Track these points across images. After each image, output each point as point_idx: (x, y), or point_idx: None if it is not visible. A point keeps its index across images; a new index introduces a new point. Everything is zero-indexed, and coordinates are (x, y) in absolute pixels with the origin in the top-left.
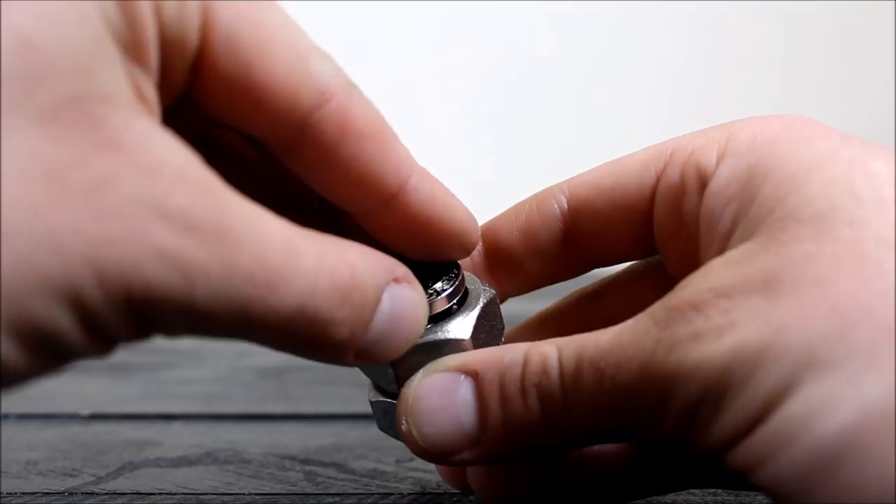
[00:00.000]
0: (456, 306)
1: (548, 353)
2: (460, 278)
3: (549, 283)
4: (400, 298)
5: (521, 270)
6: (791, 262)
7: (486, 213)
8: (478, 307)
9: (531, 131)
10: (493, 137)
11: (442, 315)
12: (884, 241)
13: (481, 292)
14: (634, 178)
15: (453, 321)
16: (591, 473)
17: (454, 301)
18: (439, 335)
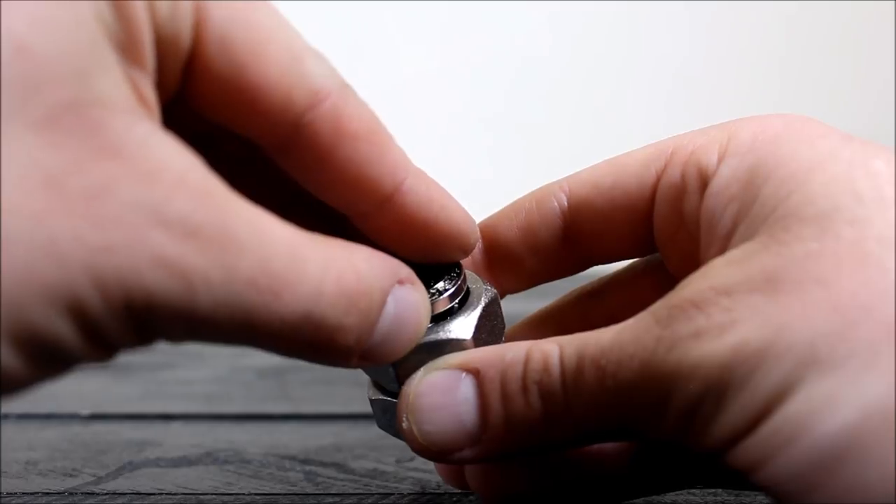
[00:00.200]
0: (457, 306)
1: (549, 352)
2: (462, 278)
3: (548, 280)
4: (403, 300)
5: (520, 267)
6: (793, 261)
7: (486, 213)
8: (479, 307)
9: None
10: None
11: (444, 315)
12: (885, 241)
13: (483, 292)
14: (634, 177)
15: (455, 321)
16: (591, 472)
17: (456, 301)
18: (441, 335)
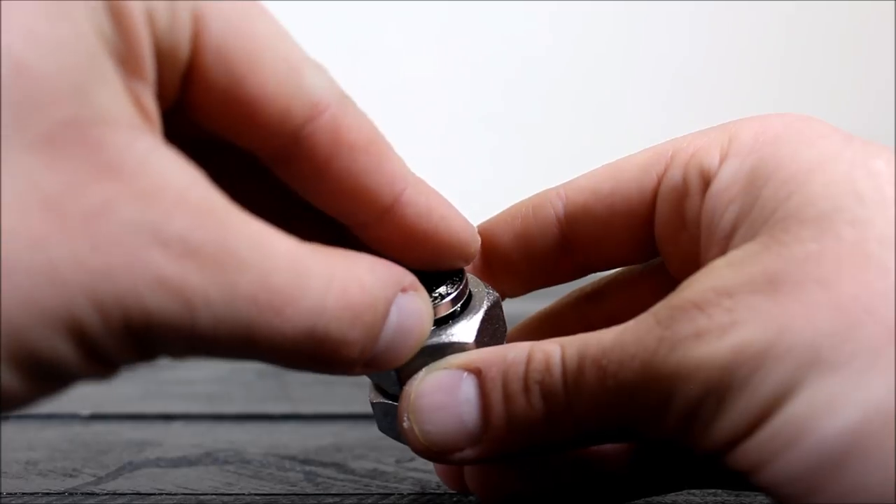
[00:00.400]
0: (460, 310)
1: (551, 352)
2: (464, 282)
3: (546, 286)
4: (407, 308)
5: (517, 273)
6: (793, 262)
7: (487, 214)
8: (481, 311)
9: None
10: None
11: (446, 318)
12: (886, 241)
13: (485, 296)
14: (634, 183)
15: (457, 325)
16: (590, 473)
17: (458, 305)
18: (443, 338)
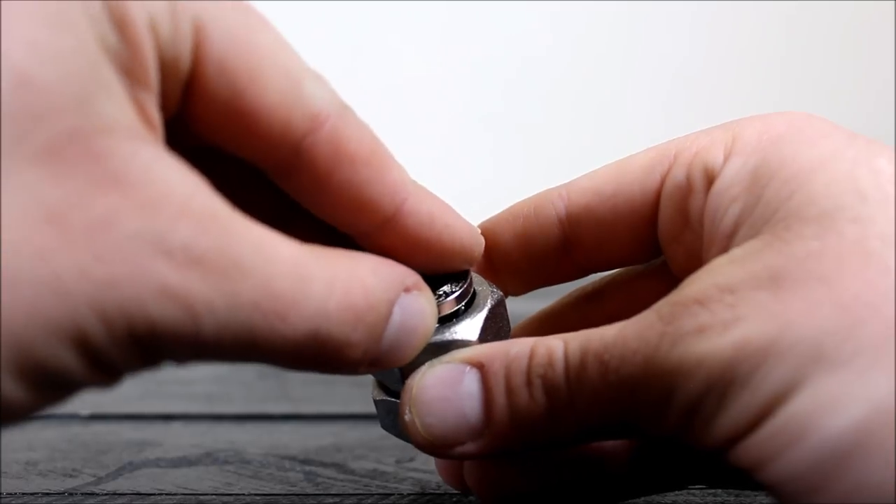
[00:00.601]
0: (464, 308)
1: (554, 347)
2: (468, 280)
3: (546, 286)
4: (410, 308)
5: (518, 272)
6: (796, 260)
7: (487, 214)
8: (485, 309)
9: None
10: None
11: (450, 316)
12: (888, 239)
13: (489, 294)
14: (638, 183)
15: (461, 323)
16: (590, 471)
17: (462, 303)
18: (447, 336)
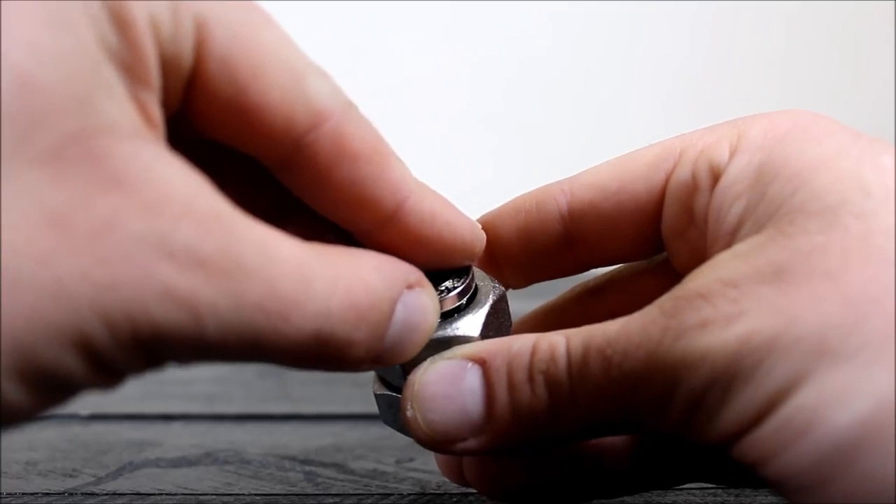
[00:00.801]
0: (466, 303)
1: (556, 342)
2: (470, 276)
3: (548, 279)
4: (412, 304)
5: (519, 266)
6: (800, 254)
7: None
8: (487, 305)
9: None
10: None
11: (452, 312)
12: (892, 234)
13: (491, 290)
14: (642, 180)
15: (463, 318)
16: (590, 467)
17: (464, 299)
18: (449, 332)
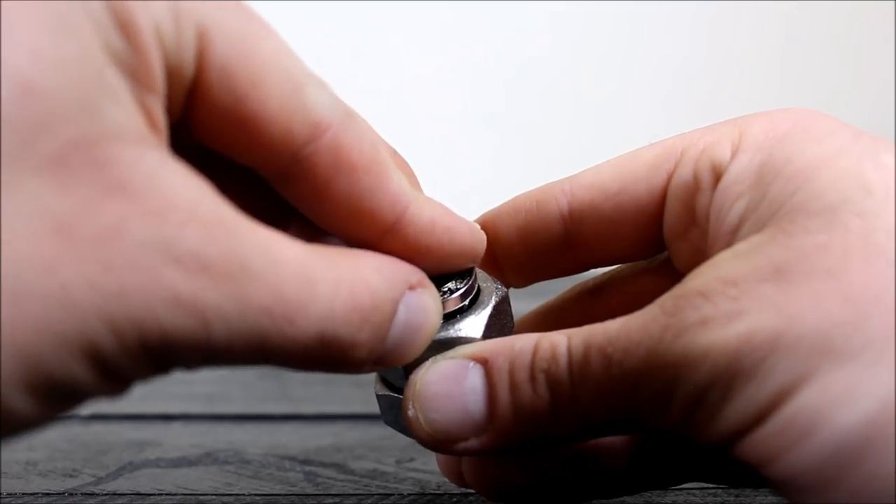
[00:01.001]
0: (468, 304)
1: (557, 342)
2: (473, 277)
3: (548, 279)
4: (414, 306)
5: (519, 265)
6: (801, 253)
7: None
8: (489, 306)
9: (531, 131)
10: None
11: (454, 313)
12: (894, 232)
13: (493, 291)
14: (643, 181)
15: (465, 319)
16: (590, 467)
17: (467, 300)
18: (451, 333)
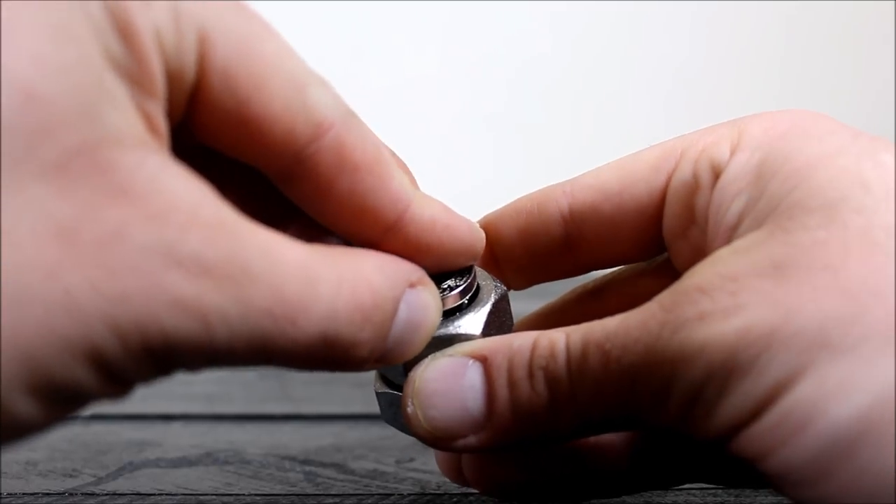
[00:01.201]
0: (467, 302)
1: (556, 339)
2: (472, 275)
3: (549, 281)
4: (415, 303)
5: (520, 267)
6: (800, 249)
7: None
8: (489, 303)
9: (531, 131)
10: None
11: (454, 311)
12: (892, 229)
13: (493, 289)
14: (644, 182)
15: (464, 317)
16: (589, 465)
17: (466, 297)
18: (451, 330)
